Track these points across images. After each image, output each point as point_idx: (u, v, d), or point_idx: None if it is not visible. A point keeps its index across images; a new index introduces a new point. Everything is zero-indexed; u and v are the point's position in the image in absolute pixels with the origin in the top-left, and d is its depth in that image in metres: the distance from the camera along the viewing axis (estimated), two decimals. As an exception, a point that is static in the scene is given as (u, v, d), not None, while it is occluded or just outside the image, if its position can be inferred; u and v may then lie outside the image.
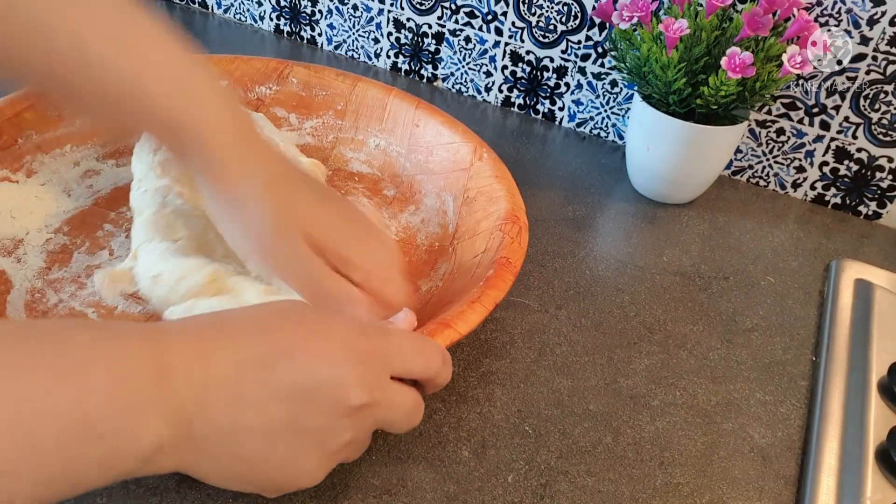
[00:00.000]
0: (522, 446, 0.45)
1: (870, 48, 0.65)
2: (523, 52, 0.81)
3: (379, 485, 0.42)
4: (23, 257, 0.54)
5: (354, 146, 0.70)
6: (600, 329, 0.55)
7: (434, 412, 0.47)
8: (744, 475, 0.46)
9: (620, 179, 0.75)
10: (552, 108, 0.84)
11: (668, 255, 0.65)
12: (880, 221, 0.73)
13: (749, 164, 0.76)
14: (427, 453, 0.44)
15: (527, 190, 0.61)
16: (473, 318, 0.45)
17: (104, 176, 0.64)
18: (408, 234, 0.62)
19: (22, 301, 0.50)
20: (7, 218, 0.55)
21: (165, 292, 0.48)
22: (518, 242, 0.52)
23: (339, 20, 0.91)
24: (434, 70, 0.89)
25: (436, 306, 0.51)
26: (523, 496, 0.42)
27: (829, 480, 0.45)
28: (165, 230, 0.52)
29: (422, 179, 0.66)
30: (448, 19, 0.84)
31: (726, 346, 0.56)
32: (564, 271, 0.61)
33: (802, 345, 0.57)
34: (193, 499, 0.40)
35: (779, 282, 0.63)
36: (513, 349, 0.52)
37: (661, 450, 0.47)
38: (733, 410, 0.50)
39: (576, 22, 0.77)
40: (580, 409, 0.49)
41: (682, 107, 0.65)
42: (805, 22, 0.59)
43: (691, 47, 0.62)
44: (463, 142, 0.64)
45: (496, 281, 0.48)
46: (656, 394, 0.51)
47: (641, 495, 0.43)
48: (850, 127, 0.69)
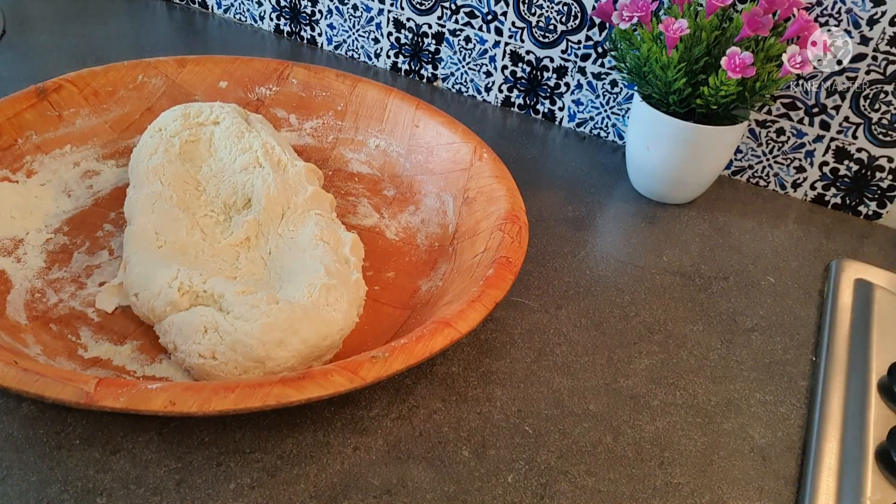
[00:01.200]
0: (522, 446, 0.45)
1: (870, 48, 0.65)
2: (523, 52, 0.81)
3: (379, 485, 0.42)
4: (23, 257, 0.54)
5: (354, 147, 0.70)
6: (600, 329, 0.55)
7: (434, 412, 0.47)
8: (744, 475, 0.46)
9: (620, 179, 0.75)
10: (552, 108, 0.84)
11: (668, 255, 0.65)
12: (880, 221, 0.73)
13: (749, 164, 0.76)
14: (427, 453, 0.44)
15: (527, 190, 0.61)
16: (473, 317, 0.45)
17: (104, 176, 0.64)
18: (408, 234, 0.62)
19: (22, 301, 0.50)
20: (7, 218, 0.55)
21: (146, 311, 0.49)
22: (518, 242, 0.52)
23: (339, 20, 0.91)
24: (434, 70, 0.89)
25: (436, 306, 0.51)
26: (523, 496, 0.42)
27: (829, 480, 0.45)
28: (150, 237, 0.52)
29: (422, 180, 0.66)
30: (448, 19, 0.84)
31: (726, 346, 0.56)
32: (564, 271, 0.61)
33: (802, 345, 0.57)
34: (193, 499, 0.40)
35: (779, 282, 0.63)
36: (513, 349, 0.52)
37: (661, 450, 0.46)
38: (733, 410, 0.50)
39: (576, 22, 0.77)
40: (580, 409, 0.49)
41: (682, 107, 0.65)
42: (805, 22, 0.59)
43: (691, 47, 0.62)
44: (463, 142, 0.64)
45: (496, 280, 0.48)
46: (656, 394, 0.51)
47: (641, 495, 0.43)
48: (850, 127, 0.69)
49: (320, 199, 0.59)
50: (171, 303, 0.47)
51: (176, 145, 0.60)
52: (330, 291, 0.49)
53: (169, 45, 0.93)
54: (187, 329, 0.46)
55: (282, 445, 0.43)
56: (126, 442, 0.42)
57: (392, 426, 0.45)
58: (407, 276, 0.57)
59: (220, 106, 0.64)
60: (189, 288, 0.48)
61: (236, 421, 0.44)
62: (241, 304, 0.46)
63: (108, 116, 0.66)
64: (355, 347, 0.50)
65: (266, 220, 0.56)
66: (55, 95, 0.63)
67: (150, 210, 0.54)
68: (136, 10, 1.00)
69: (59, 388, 0.37)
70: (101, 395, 0.37)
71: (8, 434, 0.42)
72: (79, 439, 0.42)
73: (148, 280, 0.48)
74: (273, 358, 0.45)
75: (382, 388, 0.48)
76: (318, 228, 0.55)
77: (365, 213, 0.64)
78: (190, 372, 0.46)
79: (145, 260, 0.50)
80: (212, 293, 0.48)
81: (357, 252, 0.56)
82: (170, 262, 0.49)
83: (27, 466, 0.40)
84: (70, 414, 0.43)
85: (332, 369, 0.40)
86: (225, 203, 0.58)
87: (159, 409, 0.37)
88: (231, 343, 0.44)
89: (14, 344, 0.45)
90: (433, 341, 0.43)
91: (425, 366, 0.50)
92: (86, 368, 0.46)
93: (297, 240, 0.54)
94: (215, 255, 0.54)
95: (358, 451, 0.44)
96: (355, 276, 0.54)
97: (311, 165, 0.62)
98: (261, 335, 0.44)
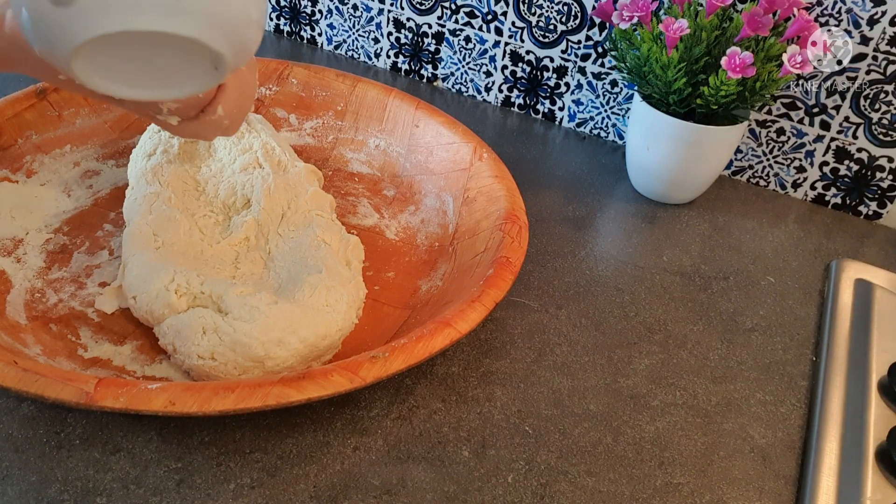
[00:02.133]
0: (522, 446, 0.45)
1: (870, 48, 0.65)
2: (523, 52, 0.81)
3: (379, 485, 0.42)
4: (23, 257, 0.54)
5: (354, 147, 0.70)
6: (600, 329, 0.55)
7: (434, 412, 0.47)
8: (744, 475, 0.46)
9: (620, 179, 0.75)
10: (552, 107, 0.84)
11: (668, 255, 0.65)
12: (880, 221, 0.73)
13: (749, 164, 0.76)
14: (427, 453, 0.44)
15: (527, 190, 0.61)
16: (474, 316, 0.45)
17: (104, 176, 0.64)
18: (408, 234, 0.62)
19: (22, 301, 0.50)
20: (7, 218, 0.55)
21: (145, 313, 0.49)
22: (518, 242, 0.52)
23: (339, 20, 0.91)
24: (434, 70, 0.89)
25: (436, 306, 0.51)
26: (523, 496, 0.42)
27: (829, 480, 0.45)
28: (148, 239, 0.52)
29: (422, 180, 0.66)
30: (448, 19, 0.84)
31: (726, 346, 0.56)
32: (564, 271, 0.61)
33: (802, 345, 0.57)
34: (193, 499, 0.40)
35: (779, 282, 0.63)
36: (513, 349, 0.52)
37: (661, 450, 0.46)
38: (733, 410, 0.50)
39: (576, 22, 0.77)
40: (580, 409, 0.49)
41: (682, 107, 0.65)
42: (805, 22, 0.59)
43: (691, 47, 0.62)
44: (463, 142, 0.64)
45: (496, 280, 0.48)
46: (656, 394, 0.50)
47: (641, 495, 0.43)
48: (850, 127, 0.69)
49: (320, 200, 0.59)
50: (169, 305, 0.47)
51: (175, 146, 0.60)
52: (330, 292, 0.49)
53: (169, 45, 0.93)
54: (186, 331, 0.46)
55: (282, 445, 0.43)
56: (126, 442, 0.42)
57: (392, 426, 0.45)
58: (407, 276, 0.57)
59: None
60: (187, 290, 0.48)
61: (236, 421, 0.44)
62: (240, 304, 0.46)
63: (108, 116, 0.66)
64: (355, 347, 0.50)
65: (266, 221, 0.56)
66: (55, 95, 0.63)
67: (148, 211, 0.54)
68: (136, 10, 1.00)
69: (59, 388, 0.37)
70: (101, 395, 0.37)
71: (8, 434, 0.42)
72: (79, 439, 0.42)
73: (145, 283, 0.48)
74: (272, 357, 0.45)
75: (382, 388, 0.48)
76: (319, 229, 0.54)
77: (365, 213, 0.64)
78: (190, 373, 0.46)
79: (143, 262, 0.50)
80: (210, 294, 0.48)
81: (357, 255, 0.56)
82: (167, 264, 0.49)
83: (27, 466, 0.40)
84: (70, 414, 0.43)
85: (332, 369, 0.40)
86: (224, 203, 0.58)
87: (159, 409, 0.37)
88: (230, 343, 0.44)
89: (14, 344, 0.45)
90: (433, 341, 0.43)
91: (425, 366, 0.50)
92: (86, 368, 0.46)
93: (298, 240, 0.54)
94: (214, 256, 0.54)
95: (358, 451, 0.44)
96: (356, 278, 0.54)
97: (310, 166, 0.62)
98: (260, 335, 0.45)
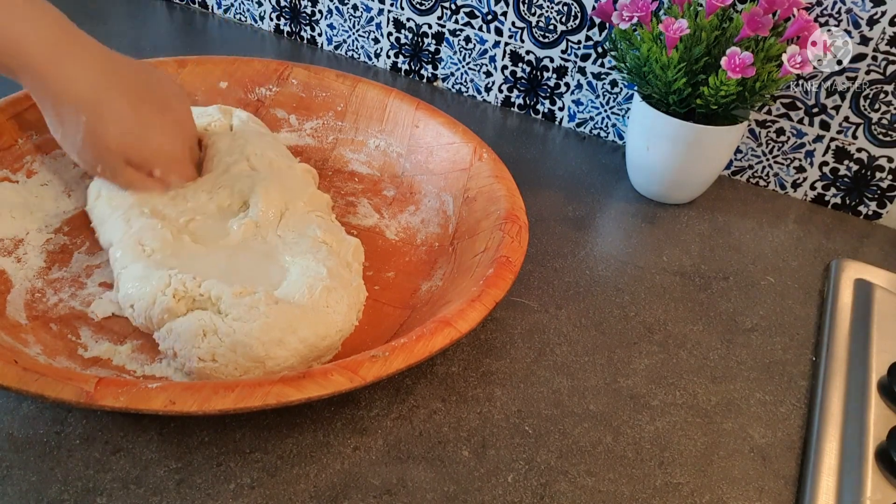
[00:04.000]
0: (522, 446, 0.45)
1: (870, 48, 0.65)
2: (523, 52, 0.81)
3: (379, 485, 0.42)
4: (23, 257, 0.54)
5: (354, 147, 0.70)
6: (600, 329, 0.55)
7: (434, 412, 0.47)
8: (744, 475, 0.46)
9: (620, 179, 0.75)
10: (552, 108, 0.84)
11: (668, 255, 0.65)
12: (880, 221, 0.73)
13: (749, 164, 0.76)
14: (427, 453, 0.44)
15: (527, 190, 0.61)
16: (474, 316, 0.45)
17: (104, 176, 0.64)
18: (408, 234, 0.62)
19: (22, 301, 0.50)
20: (7, 218, 0.55)
21: (143, 321, 0.48)
22: (518, 242, 0.52)
23: (339, 20, 0.91)
24: (434, 70, 0.89)
25: (436, 306, 0.51)
26: (523, 496, 0.42)
27: (829, 480, 0.45)
28: (136, 249, 0.51)
29: (422, 180, 0.66)
30: (448, 19, 0.84)
31: (726, 346, 0.56)
32: (564, 271, 0.61)
33: (802, 345, 0.57)
34: (193, 499, 0.40)
35: (779, 282, 0.63)
36: (513, 349, 0.52)
37: (661, 450, 0.46)
38: (733, 410, 0.50)
39: (576, 22, 0.77)
40: (580, 409, 0.49)
41: (682, 107, 0.65)
42: (805, 22, 0.59)
43: (691, 47, 0.62)
44: (463, 142, 0.64)
45: (496, 280, 0.48)
46: (656, 394, 0.50)
47: (641, 495, 0.43)
48: (850, 127, 0.69)
49: (318, 201, 0.59)
50: (168, 309, 0.47)
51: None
52: (330, 293, 0.49)
53: (169, 45, 0.93)
54: (186, 334, 0.45)
55: (282, 445, 0.43)
56: (126, 442, 0.42)
57: (392, 426, 0.45)
58: (407, 276, 0.57)
59: (202, 111, 0.64)
60: (185, 293, 0.47)
61: (236, 421, 0.44)
62: (239, 305, 0.46)
63: (108, 116, 0.66)
64: (355, 347, 0.50)
65: (264, 222, 0.56)
66: (55, 95, 0.63)
67: (126, 226, 0.53)
68: (136, 10, 1.00)
69: (59, 388, 0.37)
70: (101, 395, 0.37)
71: (8, 434, 0.42)
72: (79, 439, 0.42)
73: (141, 290, 0.48)
74: (273, 357, 0.45)
75: (382, 388, 0.48)
76: (319, 230, 0.54)
77: (365, 213, 0.64)
78: (190, 376, 0.46)
79: (136, 271, 0.49)
80: (209, 296, 0.47)
81: (358, 257, 0.56)
82: (161, 269, 0.49)
83: (27, 466, 0.40)
84: (70, 414, 0.43)
85: (332, 368, 0.40)
86: (219, 206, 0.57)
87: (159, 408, 0.37)
88: (231, 344, 0.44)
89: (14, 343, 0.45)
90: (433, 341, 0.43)
91: (425, 366, 0.50)
92: (86, 368, 0.46)
93: (298, 241, 0.54)
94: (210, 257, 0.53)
95: (358, 451, 0.44)
96: (356, 280, 0.54)
97: (305, 165, 0.62)
98: (260, 335, 0.44)
